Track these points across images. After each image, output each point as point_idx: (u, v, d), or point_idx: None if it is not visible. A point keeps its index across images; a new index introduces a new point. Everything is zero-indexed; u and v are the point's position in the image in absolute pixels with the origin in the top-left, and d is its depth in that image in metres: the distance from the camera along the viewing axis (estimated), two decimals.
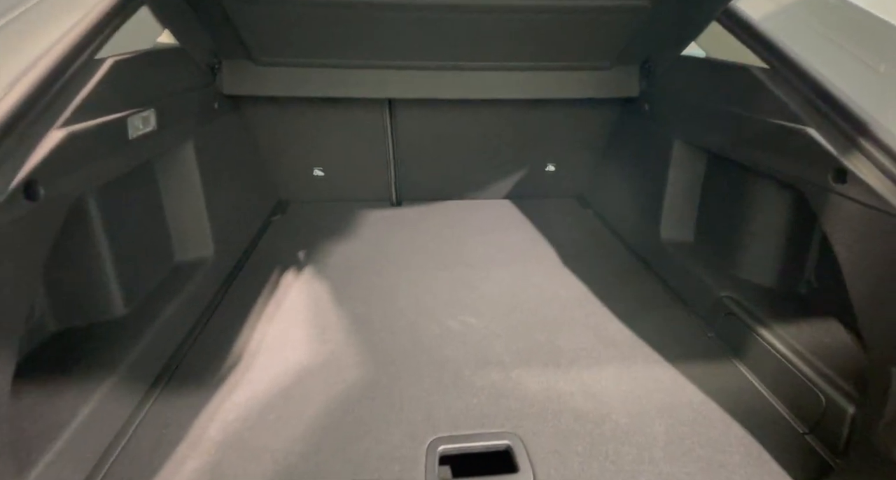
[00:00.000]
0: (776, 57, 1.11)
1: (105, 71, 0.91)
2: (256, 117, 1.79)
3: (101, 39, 0.93)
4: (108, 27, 0.96)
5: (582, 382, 1.12)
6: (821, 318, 1.11)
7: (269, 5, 1.28)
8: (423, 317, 1.36)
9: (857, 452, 0.84)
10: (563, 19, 1.46)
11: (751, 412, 1.04)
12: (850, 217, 0.90)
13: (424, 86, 1.69)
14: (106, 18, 0.95)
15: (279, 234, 1.83)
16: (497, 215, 2.10)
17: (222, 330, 1.23)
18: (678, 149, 1.55)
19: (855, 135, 0.89)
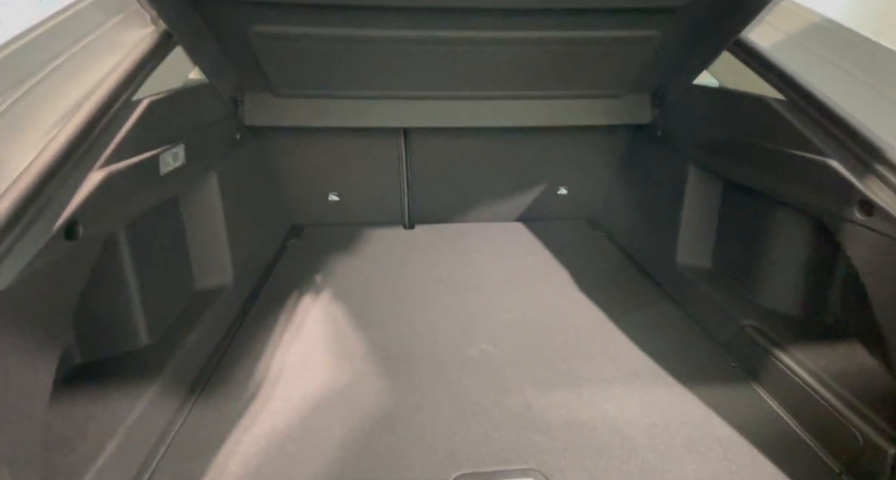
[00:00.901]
0: (791, 88, 1.13)
1: (141, 111, 0.95)
2: (275, 145, 1.85)
3: (138, 81, 0.98)
4: (145, 69, 1.01)
5: (605, 414, 1.10)
6: (850, 349, 1.08)
7: (291, 41, 1.34)
8: (442, 345, 1.35)
9: None
10: (576, 50, 1.49)
11: (782, 448, 1.00)
12: (880, 250, 0.89)
13: (439, 115, 1.73)
14: (143, 61, 1.00)
15: (295, 259, 1.85)
16: (509, 238, 2.11)
17: (241, 359, 1.24)
18: (693, 175, 1.56)
19: (879, 166, 0.89)
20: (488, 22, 1.34)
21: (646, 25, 1.39)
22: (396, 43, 1.39)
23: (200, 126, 1.27)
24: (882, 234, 0.87)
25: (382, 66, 1.51)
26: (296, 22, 1.26)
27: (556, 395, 1.16)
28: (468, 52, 1.47)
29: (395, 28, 1.33)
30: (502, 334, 1.41)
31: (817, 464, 0.97)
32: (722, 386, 1.20)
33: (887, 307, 0.88)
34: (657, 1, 1.28)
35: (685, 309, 1.53)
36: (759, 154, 1.22)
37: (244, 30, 1.25)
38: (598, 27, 1.39)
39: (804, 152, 1.06)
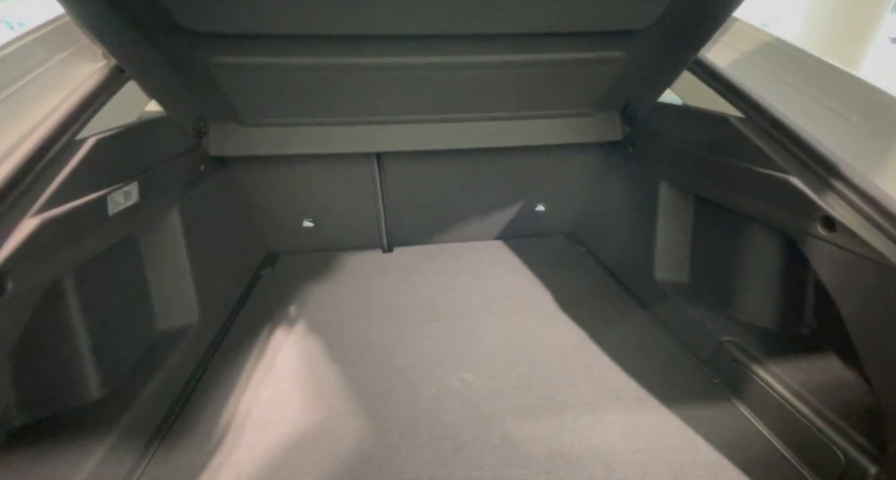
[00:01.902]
0: (749, 105, 1.15)
1: (86, 151, 0.90)
2: (245, 174, 1.80)
3: (84, 118, 0.93)
4: (93, 106, 0.96)
5: (589, 443, 1.06)
6: (827, 363, 1.08)
7: (255, 71, 1.31)
8: (421, 377, 1.30)
9: None
10: (544, 71, 1.51)
11: (767, 470, 0.98)
12: (843, 265, 0.89)
13: (411, 138, 1.71)
14: (90, 98, 0.95)
15: (268, 289, 1.78)
16: (489, 257, 2.09)
17: (206, 404, 1.16)
18: (665, 191, 1.57)
19: (839, 184, 0.91)
20: (454, 47, 1.34)
21: (610, 47, 1.42)
22: (363, 70, 1.37)
23: (158, 160, 1.21)
24: (845, 250, 0.88)
25: (351, 92, 1.49)
26: (258, 52, 1.23)
27: (538, 425, 1.12)
28: (436, 77, 1.46)
29: (360, 56, 1.32)
30: (484, 361, 1.37)
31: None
32: (705, 405, 1.18)
33: (856, 321, 0.88)
34: (618, 24, 1.30)
35: (667, 326, 1.52)
36: (724, 170, 1.24)
37: (204, 62, 1.22)
38: (564, 49, 1.41)
39: (766, 169, 1.08)
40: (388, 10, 1.11)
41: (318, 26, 1.13)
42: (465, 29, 1.25)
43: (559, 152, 2.00)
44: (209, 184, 1.55)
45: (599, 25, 1.29)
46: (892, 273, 0.79)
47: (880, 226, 0.81)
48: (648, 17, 1.26)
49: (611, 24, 1.30)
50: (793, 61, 1.19)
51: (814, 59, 1.12)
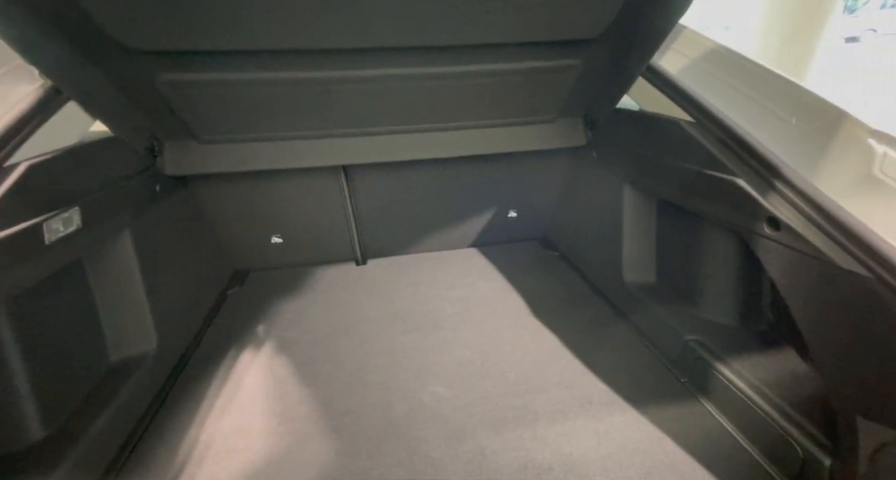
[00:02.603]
0: (698, 110, 1.19)
1: (15, 179, 0.85)
2: (206, 192, 1.74)
3: (14, 144, 0.88)
4: (25, 129, 0.91)
5: (560, 452, 1.06)
6: (785, 357, 1.11)
7: (206, 87, 1.27)
8: (393, 393, 1.28)
9: None
10: (504, 80, 1.52)
11: (732, 467, 1.00)
12: (789, 263, 0.92)
13: (376, 150, 1.70)
14: (21, 121, 0.91)
15: (236, 309, 1.73)
16: (464, 266, 2.08)
17: (164, 436, 1.11)
18: (628, 194, 1.60)
19: (781, 185, 0.94)
20: (412, 59, 1.34)
21: (566, 56, 1.44)
22: (321, 84, 1.35)
23: (105, 183, 1.16)
24: (790, 248, 0.91)
25: (311, 106, 1.47)
26: (208, 69, 1.19)
27: (510, 436, 1.11)
28: (397, 88, 1.46)
29: (316, 70, 1.30)
30: (457, 373, 1.36)
31: (763, 478, 0.97)
32: (673, 405, 1.20)
33: (804, 317, 0.91)
34: (571, 34, 1.33)
35: (636, 327, 1.54)
36: (679, 173, 1.27)
37: (151, 79, 1.17)
38: (522, 59, 1.42)
39: (716, 172, 1.11)
40: (340, 25, 1.09)
41: (268, 42, 1.11)
42: (422, 41, 1.25)
43: (528, 159, 2.02)
44: (166, 205, 1.49)
45: (553, 35, 1.32)
46: (832, 269, 0.82)
47: (819, 225, 0.85)
48: (599, 27, 1.29)
49: (564, 34, 1.32)
50: (736, 67, 1.23)
51: (755, 65, 1.17)
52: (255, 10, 0.98)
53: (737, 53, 1.22)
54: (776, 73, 1.10)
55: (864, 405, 0.79)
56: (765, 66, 1.13)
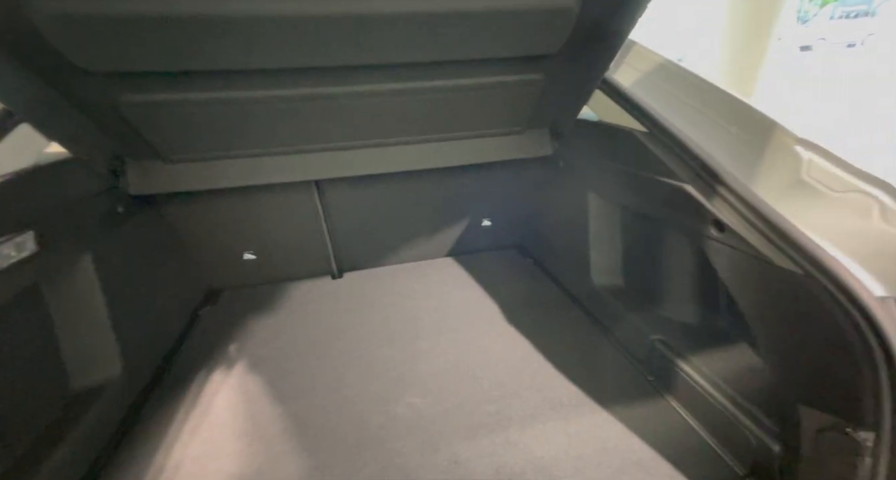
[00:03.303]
0: (649, 120, 1.26)
1: None
2: (174, 210, 1.72)
3: None
4: None
5: (532, 456, 1.08)
6: (739, 352, 1.17)
7: (171, 107, 1.26)
8: (369, 405, 1.28)
9: None
10: (472, 95, 1.57)
11: (696, 460, 1.04)
12: (734, 263, 0.99)
13: (348, 164, 1.72)
14: None
15: (208, 329, 1.70)
16: (440, 276, 2.10)
17: (128, 465, 1.08)
18: (593, 201, 1.67)
19: (723, 190, 1.00)
20: (377, 76, 1.37)
21: (529, 70, 1.50)
22: (289, 101, 1.36)
23: (62, 205, 1.14)
24: (734, 249, 0.97)
25: (280, 123, 1.48)
26: (170, 89, 1.19)
27: (484, 443, 1.13)
28: (365, 105, 1.48)
29: (283, 88, 1.31)
30: (432, 382, 1.37)
31: (723, 470, 1.02)
32: (640, 403, 1.24)
33: (751, 313, 0.97)
34: (531, 50, 1.39)
35: (606, 329, 1.59)
36: (636, 181, 1.34)
37: (112, 100, 1.17)
38: (487, 74, 1.47)
39: (667, 178, 1.18)
40: (306, 44, 1.12)
41: (232, 62, 1.12)
42: (387, 59, 1.29)
43: (499, 169, 2.07)
44: (131, 225, 1.47)
45: (515, 51, 1.37)
46: (770, 268, 0.88)
47: (757, 226, 0.91)
48: (557, 43, 1.35)
49: (525, 50, 1.38)
50: (682, 80, 1.32)
51: (698, 79, 1.25)
52: (217, 31, 0.99)
53: (682, 68, 1.31)
54: (716, 86, 1.18)
55: (804, 393, 0.84)
56: (706, 79, 1.21)
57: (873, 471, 0.70)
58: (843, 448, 0.75)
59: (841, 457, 0.75)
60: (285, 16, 0.99)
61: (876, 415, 0.70)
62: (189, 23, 0.95)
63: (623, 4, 1.11)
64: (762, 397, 1.02)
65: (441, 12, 1.08)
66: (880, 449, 0.69)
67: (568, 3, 1.13)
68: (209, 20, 0.95)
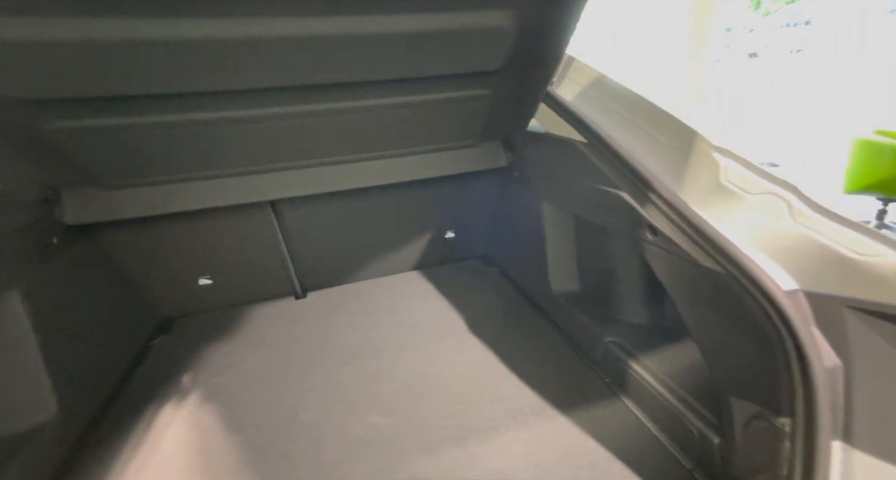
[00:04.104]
0: (588, 131, 1.32)
1: None
2: (118, 239, 1.65)
3: None
4: None
5: (491, 467, 1.08)
6: (683, 349, 1.22)
7: (105, 133, 1.21)
8: (327, 430, 1.25)
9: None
10: (423, 110, 1.60)
11: (646, 457, 1.07)
12: (668, 264, 1.04)
13: (302, 183, 1.70)
14: None
15: (161, 360, 1.62)
16: (405, 290, 2.10)
17: None
18: (547, 210, 1.72)
19: (654, 197, 1.06)
20: (326, 95, 1.37)
21: (476, 86, 1.55)
22: (233, 123, 1.34)
23: None
24: (666, 251, 1.03)
25: (227, 144, 1.45)
26: (102, 114, 1.15)
27: (443, 458, 1.12)
28: (315, 123, 1.48)
29: (225, 110, 1.29)
30: (395, 400, 1.35)
31: (673, 465, 1.05)
32: (597, 406, 1.27)
33: (685, 311, 1.02)
34: (476, 67, 1.43)
35: (566, 335, 1.62)
36: (580, 189, 1.39)
37: (39, 128, 1.12)
38: (436, 90, 1.51)
39: (607, 187, 1.23)
40: (248, 66, 1.10)
41: (167, 86, 1.10)
42: (334, 79, 1.30)
43: (458, 181, 2.10)
44: (68, 258, 1.40)
45: (461, 68, 1.42)
46: (698, 268, 0.93)
47: (684, 230, 0.96)
48: (499, 60, 1.40)
49: (470, 67, 1.42)
50: (615, 93, 1.39)
51: (629, 91, 1.32)
52: (149, 55, 0.97)
53: (614, 80, 1.38)
54: (644, 97, 1.25)
55: (733, 385, 0.89)
56: (636, 91, 1.29)
57: (791, 455, 0.74)
58: (766, 435, 0.79)
59: (766, 444, 0.79)
60: (223, 39, 0.98)
61: (791, 402, 0.75)
62: (118, 48, 0.93)
63: (554, 25, 1.18)
64: (703, 392, 1.06)
65: (386, 33, 1.10)
66: (797, 434, 0.74)
67: (502, 23, 1.18)
68: (139, 44, 0.93)
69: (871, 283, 0.73)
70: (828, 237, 0.82)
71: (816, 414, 0.72)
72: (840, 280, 0.78)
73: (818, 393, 0.72)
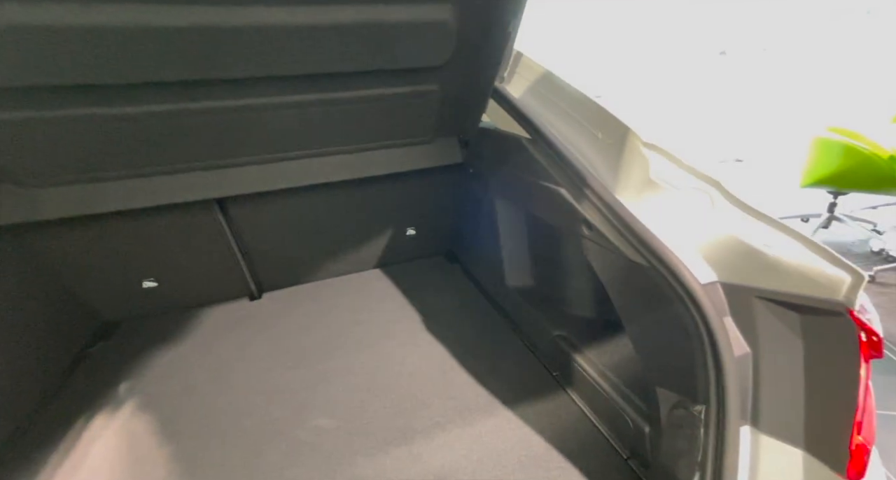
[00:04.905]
0: (531, 127, 1.32)
1: None
2: (46, 240, 1.54)
3: None
4: None
5: (434, 465, 1.08)
6: (622, 343, 1.25)
7: (24, 127, 1.12)
8: (269, 435, 1.21)
9: (656, 472, 0.92)
10: (373, 106, 1.57)
11: (587, 449, 1.10)
12: (602, 258, 1.06)
13: (249, 181, 1.64)
14: None
15: (96, 368, 1.54)
16: (365, 289, 2.07)
17: None
18: (500, 206, 1.72)
19: (588, 192, 1.07)
20: (270, 88, 1.32)
21: (423, 81, 1.53)
22: (171, 117, 1.27)
23: None
24: (599, 245, 1.04)
25: (165, 140, 1.38)
26: (19, 106, 1.07)
27: (386, 460, 1.11)
28: (259, 118, 1.43)
29: (162, 103, 1.22)
30: (343, 402, 1.33)
31: (611, 455, 1.08)
32: (543, 400, 1.28)
33: (619, 304, 1.04)
34: (420, 62, 1.41)
35: (519, 330, 1.64)
36: (526, 185, 1.40)
37: None
38: (383, 85, 1.48)
39: (548, 183, 1.24)
40: (188, 55, 1.04)
41: (88, 76, 1.02)
42: (274, 71, 1.24)
43: (416, 177, 2.08)
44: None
45: (406, 63, 1.39)
46: (626, 262, 0.95)
47: (613, 224, 0.98)
48: (443, 55, 1.39)
49: (415, 62, 1.40)
50: (558, 89, 1.40)
51: (570, 87, 1.33)
52: (70, 40, 0.89)
53: (557, 77, 1.39)
54: (584, 94, 1.26)
55: (660, 376, 0.91)
56: (577, 88, 1.30)
57: (705, 440, 0.77)
58: (685, 422, 0.82)
59: (684, 430, 0.82)
60: (152, 26, 0.92)
61: (706, 390, 0.77)
62: (36, 33, 0.85)
63: (497, 20, 1.17)
64: (639, 384, 1.09)
65: (321, 25, 1.07)
66: (710, 420, 0.77)
67: (442, 17, 1.16)
68: (58, 30, 0.86)
69: (775, 274, 0.76)
70: (743, 231, 0.85)
71: (726, 401, 0.74)
72: (751, 271, 0.81)
73: (727, 381, 0.74)
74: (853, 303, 0.68)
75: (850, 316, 0.69)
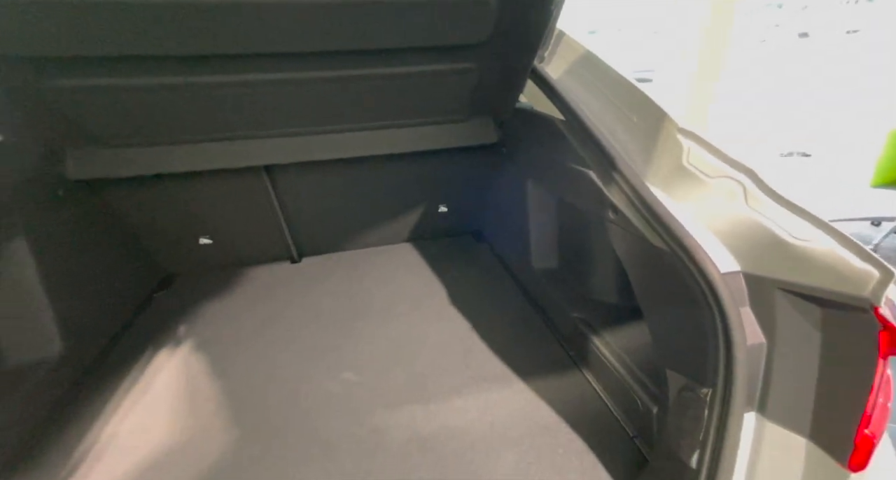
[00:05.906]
0: (565, 108, 1.32)
1: None
2: (122, 196, 1.74)
3: None
4: None
5: (446, 424, 1.17)
6: (639, 327, 1.26)
7: (104, 93, 1.26)
8: (303, 383, 1.35)
9: (659, 451, 0.95)
10: (411, 83, 1.61)
11: (596, 424, 1.14)
12: (626, 243, 1.06)
13: (295, 150, 1.75)
14: None
15: (159, 312, 1.75)
16: (396, 261, 2.17)
17: (60, 440, 1.14)
18: (531, 188, 1.73)
19: (616, 176, 1.08)
20: (317, 63, 1.39)
21: (460, 59, 1.54)
22: (230, 87, 1.37)
23: None
24: (624, 230, 1.05)
25: (223, 109, 1.49)
26: (100, 74, 1.20)
27: (404, 414, 1.21)
28: (307, 91, 1.51)
29: (223, 74, 1.31)
30: (369, 362, 1.45)
31: (618, 433, 1.12)
32: (557, 377, 1.33)
33: (639, 289, 1.05)
34: (459, 40, 1.43)
35: (542, 310, 1.68)
36: (557, 168, 1.40)
37: (35, 85, 1.17)
38: (421, 63, 1.51)
39: (578, 166, 1.24)
40: (240, 31, 1.12)
41: (165, 47, 1.13)
42: (322, 46, 1.31)
43: (451, 155, 2.11)
44: (73, 210, 1.50)
45: (444, 40, 1.41)
46: (649, 247, 0.96)
47: (638, 209, 0.99)
48: (482, 33, 1.39)
49: (453, 40, 1.42)
50: (598, 70, 1.37)
51: (608, 68, 1.30)
52: (143, 16, 1.00)
53: (599, 59, 1.36)
54: (622, 75, 1.24)
55: (672, 358, 0.93)
56: (613, 68, 1.27)
57: (708, 421, 0.79)
58: (691, 403, 0.84)
59: (690, 411, 0.84)
60: (216, 2, 1.01)
61: (714, 375, 0.79)
62: (118, 8, 0.96)
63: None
64: (650, 367, 1.11)
65: (363, 1, 1.11)
66: (714, 402, 0.79)
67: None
68: (140, 5, 0.96)
69: (801, 266, 0.75)
70: (773, 221, 0.83)
71: (733, 386, 0.76)
72: (776, 263, 0.80)
73: (736, 367, 0.76)
74: (879, 300, 0.67)
75: (874, 313, 0.68)
